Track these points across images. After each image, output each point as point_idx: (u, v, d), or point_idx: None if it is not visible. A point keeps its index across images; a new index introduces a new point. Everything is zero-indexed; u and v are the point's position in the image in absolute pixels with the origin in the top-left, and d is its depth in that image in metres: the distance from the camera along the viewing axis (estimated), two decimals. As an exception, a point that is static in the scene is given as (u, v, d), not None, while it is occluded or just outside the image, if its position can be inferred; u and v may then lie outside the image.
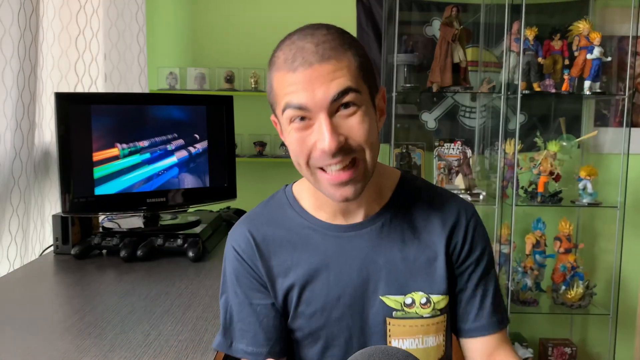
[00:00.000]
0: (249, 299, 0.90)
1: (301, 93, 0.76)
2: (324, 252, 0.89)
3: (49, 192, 1.73)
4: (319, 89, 0.75)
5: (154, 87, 2.48)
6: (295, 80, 0.76)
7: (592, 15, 2.51)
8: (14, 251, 1.50)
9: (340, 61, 0.77)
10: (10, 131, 1.47)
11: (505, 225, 2.42)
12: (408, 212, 0.91)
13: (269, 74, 0.82)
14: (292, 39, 0.79)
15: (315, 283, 0.89)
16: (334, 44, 0.77)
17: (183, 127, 1.65)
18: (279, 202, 0.96)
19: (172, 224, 1.66)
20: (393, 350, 0.75)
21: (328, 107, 0.76)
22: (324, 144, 0.76)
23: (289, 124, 0.79)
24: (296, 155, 0.82)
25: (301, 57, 0.76)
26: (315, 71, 0.75)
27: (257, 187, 2.49)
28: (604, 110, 2.63)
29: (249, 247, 0.91)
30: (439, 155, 2.54)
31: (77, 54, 1.90)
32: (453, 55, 2.35)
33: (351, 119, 0.78)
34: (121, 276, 1.36)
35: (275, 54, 0.81)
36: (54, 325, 1.05)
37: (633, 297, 2.66)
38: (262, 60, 2.52)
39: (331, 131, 0.76)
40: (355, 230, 0.89)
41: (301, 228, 0.91)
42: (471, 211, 0.94)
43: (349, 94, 0.77)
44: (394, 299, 0.87)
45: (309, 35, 0.78)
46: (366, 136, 0.79)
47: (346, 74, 0.77)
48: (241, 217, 0.97)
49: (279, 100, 0.80)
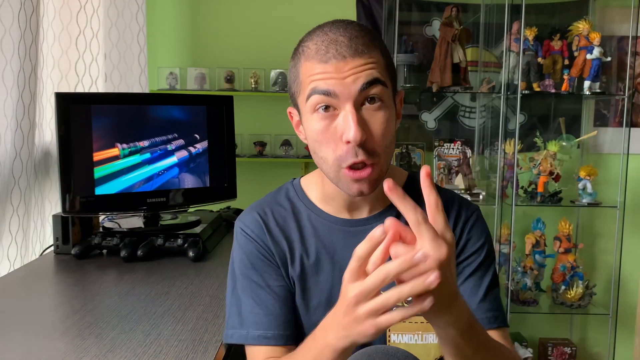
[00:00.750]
0: (266, 281, 0.90)
1: (330, 80, 0.77)
2: (330, 244, 0.90)
3: (49, 192, 1.73)
4: (348, 79, 0.77)
5: (154, 87, 2.48)
6: (327, 69, 0.77)
7: (592, 15, 2.51)
8: (15, 251, 1.50)
9: (372, 56, 0.78)
10: (10, 131, 1.47)
11: (505, 225, 2.42)
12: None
13: (295, 64, 0.83)
14: (324, 30, 0.80)
15: (320, 275, 0.90)
16: (366, 39, 0.79)
17: (183, 127, 1.65)
18: (287, 193, 0.96)
19: (172, 224, 1.66)
20: (393, 350, 0.75)
21: (356, 96, 0.77)
22: (349, 134, 0.76)
23: (312, 112, 0.80)
24: (317, 145, 0.82)
25: (334, 49, 0.77)
26: (348, 64, 0.77)
27: (257, 187, 2.49)
28: (603, 110, 2.63)
29: (259, 229, 0.92)
30: (438, 155, 2.54)
31: (78, 54, 1.90)
32: (453, 55, 2.35)
33: (375, 115, 0.79)
34: (121, 276, 1.37)
35: (304, 44, 0.82)
36: (54, 325, 1.05)
37: (633, 297, 2.66)
38: (262, 60, 2.55)
39: (357, 122, 0.77)
40: (362, 226, 0.90)
41: (308, 220, 0.92)
42: (473, 209, 0.94)
43: (378, 86, 0.78)
44: None
45: (341, 29, 0.79)
46: (387, 136, 0.80)
47: (377, 67, 0.79)
48: (248, 206, 0.97)
49: (305, 87, 0.80)
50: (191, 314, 1.12)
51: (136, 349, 0.95)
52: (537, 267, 2.42)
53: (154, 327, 1.04)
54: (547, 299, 2.47)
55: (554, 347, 2.50)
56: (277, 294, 0.90)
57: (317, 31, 0.81)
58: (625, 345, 2.64)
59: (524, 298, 2.39)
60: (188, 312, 1.13)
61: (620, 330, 2.51)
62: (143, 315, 1.11)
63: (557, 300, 2.40)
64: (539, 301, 2.43)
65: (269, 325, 0.89)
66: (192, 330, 1.04)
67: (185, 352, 0.94)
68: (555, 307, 2.41)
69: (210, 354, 0.94)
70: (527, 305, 2.39)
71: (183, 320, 1.08)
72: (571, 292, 2.35)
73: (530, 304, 2.39)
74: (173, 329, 1.04)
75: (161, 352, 0.94)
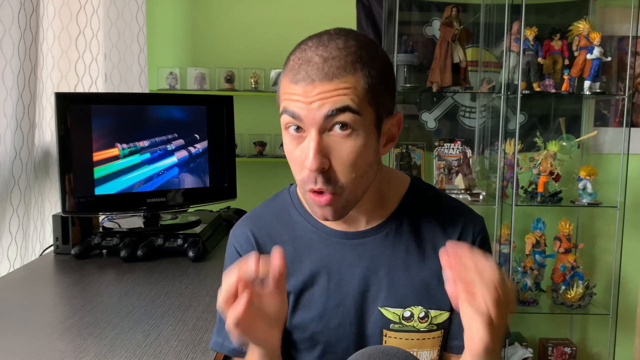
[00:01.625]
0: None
1: (298, 103, 0.75)
2: (326, 257, 0.88)
3: (49, 192, 1.73)
4: (314, 104, 0.73)
5: (154, 87, 2.48)
6: (296, 91, 0.75)
7: (592, 15, 2.51)
8: (14, 251, 1.50)
9: (345, 81, 0.73)
10: (10, 131, 1.47)
11: (505, 225, 2.42)
12: (414, 224, 0.89)
13: (281, 73, 0.82)
14: (307, 44, 0.77)
15: (315, 288, 0.88)
16: (344, 61, 0.74)
17: (183, 127, 1.65)
18: (283, 202, 0.94)
19: (172, 224, 1.66)
20: (393, 350, 0.75)
21: (320, 123, 0.74)
22: (307, 162, 0.75)
23: (285, 129, 0.79)
24: (289, 163, 0.82)
25: (304, 71, 0.74)
26: (316, 88, 0.73)
27: (257, 187, 2.50)
28: (603, 110, 2.63)
29: (250, 247, 0.91)
30: (438, 155, 2.54)
31: (78, 54, 1.90)
32: (453, 55, 2.35)
33: (344, 143, 0.75)
34: (121, 276, 1.37)
35: (289, 56, 0.80)
36: (54, 325, 1.05)
37: (633, 297, 2.66)
38: (262, 60, 2.55)
39: (317, 150, 0.74)
40: (359, 238, 0.88)
41: (304, 231, 0.90)
42: (479, 227, 0.91)
43: (346, 113, 0.73)
44: (393, 311, 0.86)
45: (322, 47, 0.75)
46: (353, 167, 0.76)
47: (349, 93, 0.73)
48: (244, 215, 0.96)
49: (280, 102, 0.80)
50: (191, 314, 1.12)
51: (136, 349, 0.95)
52: (537, 267, 2.42)
53: (154, 327, 1.04)
54: (547, 299, 2.47)
55: (554, 347, 2.50)
56: None
57: (302, 44, 0.78)
58: (625, 345, 2.64)
59: (524, 298, 2.39)
60: (188, 312, 1.13)
61: (620, 330, 2.51)
62: (143, 315, 1.11)
63: (557, 300, 2.40)
64: (539, 301, 2.43)
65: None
66: (192, 330, 1.04)
67: (185, 352, 0.94)
68: (555, 307, 2.41)
69: (210, 354, 0.94)
70: (527, 305, 2.39)
71: (183, 320, 1.08)
72: (571, 292, 2.35)
73: (530, 304, 2.39)
74: (173, 329, 1.04)
75: (161, 352, 0.94)
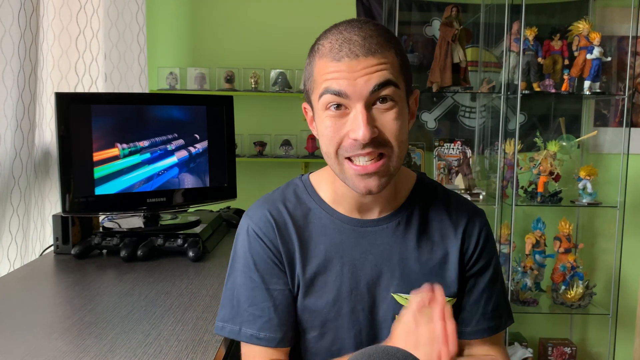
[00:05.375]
0: (266, 284, 0.90)
1: (342, 80, 0.77)
2: (340, 243, 0.90)
3: (49, 192, 1.73)
4: (360, 79, 0.77)
5: (154, 87, 2.48)
6: (339, 68, 0.78)
7: (592, 15, 2.52)
8: (14, 251, 1.50)
9: (385, 56, 0.78)
10: (10, 131, 1.47)
11: (505, 225, 2.42)
12: (424, 213, 0.93)
13: (310, 61, 0.84)
14: (339, 29, 0.81)
15: (329, 274, 0.89)
16: (380, 39, 0.79)
17: (183, 127, 1.65)
18: (297, 189, 0.95)
19: (172, 224, 1.66)
20: (393, 350, 0.75)
21: (367, 97, 0.78)
22: (357, 133, 0.77)
23: (324, 110, 0.80)
24: (327, 142, 0.82)
25: (348, 48, 0.77)
26: (361, 63, 0.77)
27: (257, 187, 2.49)
28: (603, 110, 2.63)
29: (269, 228, 0.91)
30: (438, 155, 2.54)
31: (78, 54, 1.90)
32: (453, 55, 2.35)
33: (387, 114, 0.79)
34: (121, 276, 1.37)
35: (319, 42, 0.82)
36: (54, 325, 1.05)
37: (633, 297, 2.66)
38: (262, 60, 2.55)
39: (367, 122, 0.77)
40: (372, 226, 0.91)
41: (319, 218, 0.92)
42: (484, 219, 0.96)
43: (389, 87, 0.78)
44: (405, 297, 0.89)
45: (356, 28, 0.79)
46: (398, 133, 0.81)
47: (389, 67, 0.79)
48: (257, 200, 0.96)
49: (318, 85, 0.81)
50: (191, 314, 1.12)
51: (136, 349, 0.95)
52: (537, 267, 2.42)
53: (154, 327, 1.04)
54: (547, 299, 2.47)
55: (554, 347, 2.50)
56: (275, 298, 0.90)
57: (332, 30, 0.82)
58: (625, 345, 2.64)
59: (524, 298, 2.39)
60: (188, 312, 1.13)
61: (620, 330, 2.51)
62: (143, 315, 1.11)
63: (557, 300, 2.40)
64: (539, 301, 2.43)
65: (261, 326, 0.90)
66: (192, 330, 1.04)
67: (185, 352, 0.94)
68: (555, 307, 2.41)
69: (210, 354, 0.94)
70: (527, 305, 2.39)
71: (183, 320, 1.08)
72: (571, 292, 2.35)
73: (530, 304, 2.39)
74: (173, 329, 1.04)
75: (161, 352, 0.94)
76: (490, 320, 0.94)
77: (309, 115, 0.89)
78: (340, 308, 0.89)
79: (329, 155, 0.83)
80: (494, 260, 0.95)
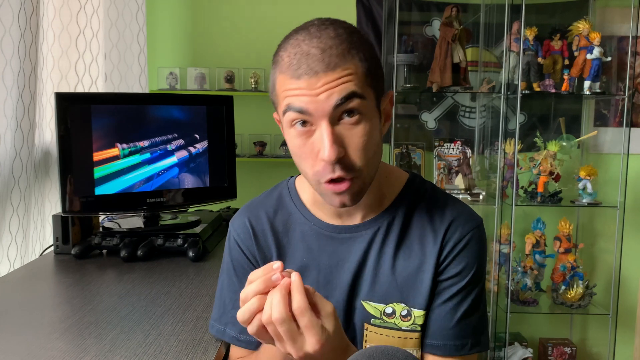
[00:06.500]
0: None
1: (303, 97, 0.74)
2: (316, 251, 0.90)
3: (49, 192, 1.73)
4: (322, 95, 0.74)
5: (154, 87, 2.48)
6: (299, 86, 0.74)
7: (592, 15, 2.52)
8: (14, 251, 1.50)
9: (346, 68, 0.74)
10: (10, 131, 1.47)
11: (505, 225, 2.42)
12: (406, 220, 0.89)
13: (272, 72, 0.81)
14: (298, 39, 0.77)
15: (305, 280, 0.87)
16: (341, 49, 0.74)
17: (183, 127, 1.65)
18: (281, 193, 0.96)
19: (172, 224, 1.66)
20: (393, 350, 0.75)
21: (330, 113, 0.74)
22: (324, 153, 0.74)
23: (289, 126, 0.78)
24: (297, 159, 0.81)
25: (306, 65, 0.74)
26: (320, 79, 0.73)
27: (257, 187, 2.48)
28: (603, 110, 2.63)
29: (247, 236, 0.93)
30: (438, 155, 2.54)
31: (78, 54, 1.90)
32: (453, 55, 2.35)
33: (354, 130, 0.76)
34: (121, 276, 1.37)
35: (279, 54, 0.79)
36: (54, 325, 1.05)
37: (633, 297, 2.66)
38: (262, 60, 2.55)
39: (332, 141, 0.74)
40: (351, 233, 0.89)
41: (298, 224, 0.92)
42: (471, 226, 0.88)
43: (354, 100, 0.74)
44: (374, 305, 0.87)
45: (315, 39, 0.75)
46: (365, 151, 0.77)
47: (352, 79, 0.74)
48: (243, 205, 0.98)
49: (280, 101, 0.79)
50: (191, 314, 1.12)
51: (136, 349, 0.95)
52: (537, 267, 2.42)
53: (154, 327, 1.04)
54: (547, 299, 2.47)
55: (554, 347, 2.50)
56: None
57: (291, 39, 0.78)
58: (625, 345, 2.64)
59: (524, 298, 2.39)
60: (188, 312, 1.13)
61: (620, 330, 2.51)
62: (143, 315, 1.11)
63: (557, 300, 2.40)
64: (539, 301, 2.43)
65: (242, 329, 0.91)
66: (192, 330, 1.04)
67: (185, 352, 0.94)
68: (555, 307, 2.41)
69: (210, 354, 0.94)
70: (527, 305, 2.39)
71: (183, 320, 1.08)
72: (571, 292, 2.35)
73: (530, 304, 2.39)
74: (173, 329, 1.04)
75: (161, 352, 0.94)
76: (455, 338, 0.86)
77: (281, 125, 0.86)
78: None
79: (307, 176, 0.81)
80: (472, 274, 0.87)
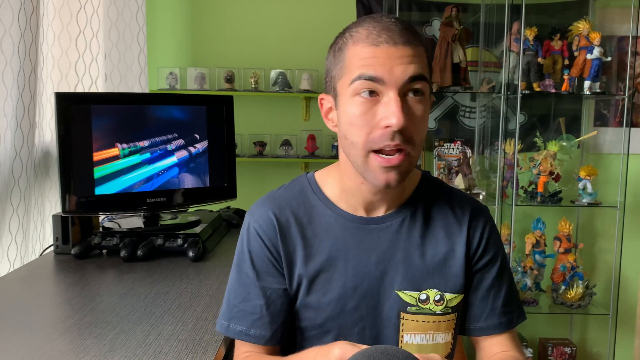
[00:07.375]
0: (262, 282, 0.91)
1: (379, 66, 0.77)
2: (343, 241, 0.90)
3: (49, 192, 1.73)
4: (398, 67, 0.77)
5: (154, 87, 2.48)
6: (377, 54, 0.78)
7: (592, 15, 2.52)
8: (14, 251, 1.50)
9: (418, 49, 0.80)
10: (10, 131, 1.47)
11: (505, 225, 2.42)
12: (428, 210, 0.93)
13: (340, 48, 0.83)
14: (375, 18, 0.81)
15: (333, 272, 0.90)
16: (414, 32, 0.81)
17: (183, 127, 1.65)
18: (302, 187, 0.96)
19: (172, 223, 1.66)
20: (393, 350, 0.75)
21: (401, 85, 0.78)
22: (391, 120, 0.77)
23: (353, 95, 0.80)
24: (356, 131, 0.81)
25: (387, 35, 0.78)
26: (399, 51, 0.78)
27: (257, 187, 2.50)
28: (603, 110, 2.63)
29: (271, 228, 0.91)
30: (438, 155, 2.54)
31: (78, 54, 1.90)
32: (453, 55, 2.35)
33: (417, 106, 0.80)
34: (121, 276, 1.37)
35: (352, 30, 0.82)
36: (54, 325, 1.05)
37: (633, 297, 2.66)
38: (262, 60, 2.55)
39: (401, 109, 0.77)
40: (376, 224, 0.91)
41: (323, 216, 0.92)
42: (487, 214, 0.97)
43: (422, 81, 0.79)
44: (410, 294, 0.89)
45: (392, 19, 0.81)
46: (423, 128, 0.82)
47: (421, 62, 0.80)
48: (261, 198, 0.96)
49: (349, 71, 0.80)
50: (191, 314, 1.12)
51: (136, 349, 0.95)
52: (537, 267, 2.42)
53: (154, 327, 1.04)
54: (547, 299, 2.47)
55: (554, 347, 2.50)
56: (268, 297, 0.90)
57: (366, 19, 0.82)
58: (625, 345, 2.64)
59: (524, 298, 2.38)
60: (188, 312, 1.13)
61: (620, 330, 2.51)
62: (143, 315, 1.11)
63: (557, 300, 2.40)
64: (539, 301, 2.43)
65: (251, 323, 0.91)
66: (192, 330, 1.04)
67: (185, 352, 0.94)
68: (555, 307, 2.41)
69: (210, 354, 0.94)
70: (527, 305, 2.39)
71: (183, 320, 1.08)
72: (571, 292, 2.35)
73: (530, 304, 2.40)
74: (173, 329, 1.04)
75: (161, 352, 0.94)
76: (501, 316, 0.94)
77: (326, 108, 0.88)
78: (344, 305, 0.89)
79: (355, 145, 0.81)
80: (500, 255, 0.95)
